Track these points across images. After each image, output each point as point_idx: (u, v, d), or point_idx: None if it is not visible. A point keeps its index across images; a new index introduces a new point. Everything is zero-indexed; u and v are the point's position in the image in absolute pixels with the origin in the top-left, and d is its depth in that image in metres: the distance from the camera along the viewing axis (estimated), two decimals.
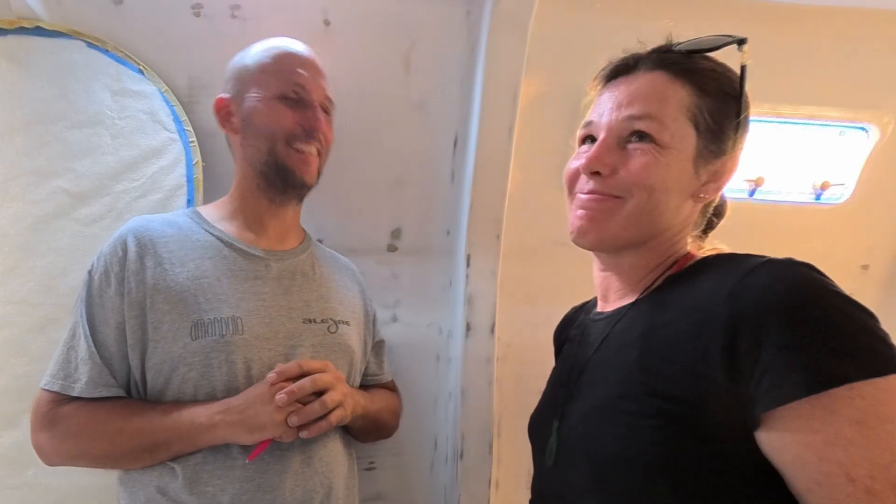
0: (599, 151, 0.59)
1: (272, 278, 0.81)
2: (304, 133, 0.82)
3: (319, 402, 0.73)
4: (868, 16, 1.09)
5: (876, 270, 1.28)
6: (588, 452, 0.57)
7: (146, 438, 0.71)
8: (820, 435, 0.43)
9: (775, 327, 0.45)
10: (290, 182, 0.83)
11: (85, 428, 0.71)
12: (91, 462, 0.75)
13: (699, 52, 0.59)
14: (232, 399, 0.71)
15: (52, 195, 0.92)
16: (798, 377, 0.44)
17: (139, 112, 0.96)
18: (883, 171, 1.21)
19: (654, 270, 0.62)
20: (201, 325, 0.73)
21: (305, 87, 0.82)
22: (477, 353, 1.10)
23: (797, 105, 1.16)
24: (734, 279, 0.50)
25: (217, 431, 0.70)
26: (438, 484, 1.15)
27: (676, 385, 0.50)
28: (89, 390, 0.72)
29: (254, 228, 0.85)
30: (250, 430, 0.70)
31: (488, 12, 0.97)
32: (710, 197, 0.60)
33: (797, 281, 0.47)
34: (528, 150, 1.08)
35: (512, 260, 1.13)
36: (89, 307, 0.74)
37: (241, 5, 0.99)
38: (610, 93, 0.61)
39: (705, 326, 0.50)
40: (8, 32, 0.93)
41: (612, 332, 0.62)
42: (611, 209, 0.59)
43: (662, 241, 0.61)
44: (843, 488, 0.42)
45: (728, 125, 0.58)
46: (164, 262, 0.76)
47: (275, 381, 0.71)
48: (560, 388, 0.67)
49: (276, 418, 0.69)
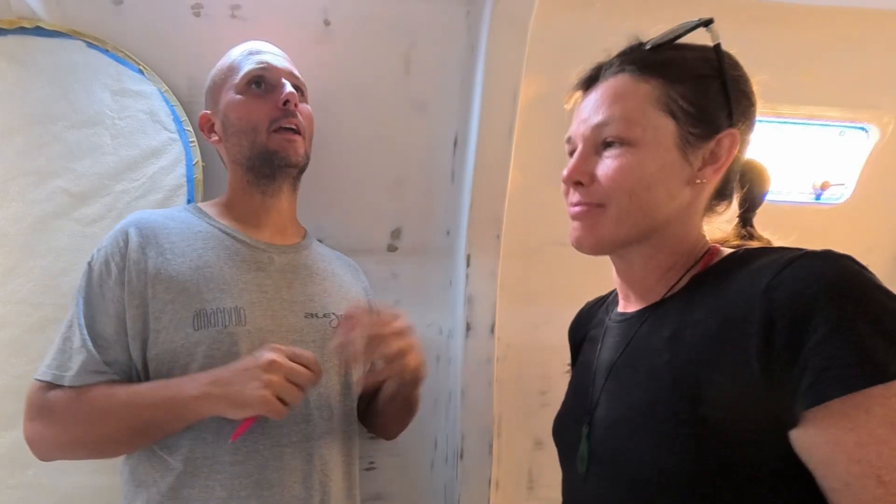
0: (577, 163, 0.60)
1: (275, 271, 0.81)
2: (281, 113, 0.82)
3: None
4: (868, 16, 1.09)
5: (876, 270, 1.26)
6: (622, 462, 0.55)
7: (134, 416, 0.69)
8: (852, 434, 0.42)
9: (813, 323, 0.43)
10: (277, 163, 0.83)
11: (73, 412, 0.69)
12: (81, 449, 0.73)
13: (664, 45, 0.59)
14: (220, 370, 0.69)
15: (52, 195, 0.92)
16: (836, 374, 0.42)
17: (139, 112, 0.96)
18: (883, 171, 1.21)
19: (674, 268, 0.60)
20: (204, 315, 0.72)
21: (269, 67, 0.84)
22: (477, 353, 1.10)
23: (797, 105, 1.16)
24: (770, 273, 0.48)
25: (205, 404, 0.68)
26: (438, 484, 1.15)
27: (710, 387, 0.49)
28: (80, 378, 0.70)
29: (253, 222, 0.85)
30: (234, 405, 0.67)
31: (488, 12, 0.96)
32: (709, 179, 0.58)
33: (835, 275, 0.45)
34: (528, 150, 1.08)
35: (512, 260, 1.13)
36: (88, 297, 0.73)
37: (241, 5, 0.99)
38: (582, 104, 0.63)
39: (740, 324, 0.48)
40: (8, 32, 0.93)
41: (637, 335, 0.60)
42: (597, 216, 0.60)
43: (669, 233, 0.59)
44: (873, 490, 0.41)
45: (712, 105, 0.57)
46: (167, 252, 0.75)
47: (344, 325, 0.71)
48: (585, 392, 0.65)
49: (260, 394, 0.66)
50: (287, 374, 0.67)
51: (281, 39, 0.95)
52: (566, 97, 0.68)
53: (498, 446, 1.14)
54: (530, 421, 1.17)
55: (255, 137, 0.82)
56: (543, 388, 1.16)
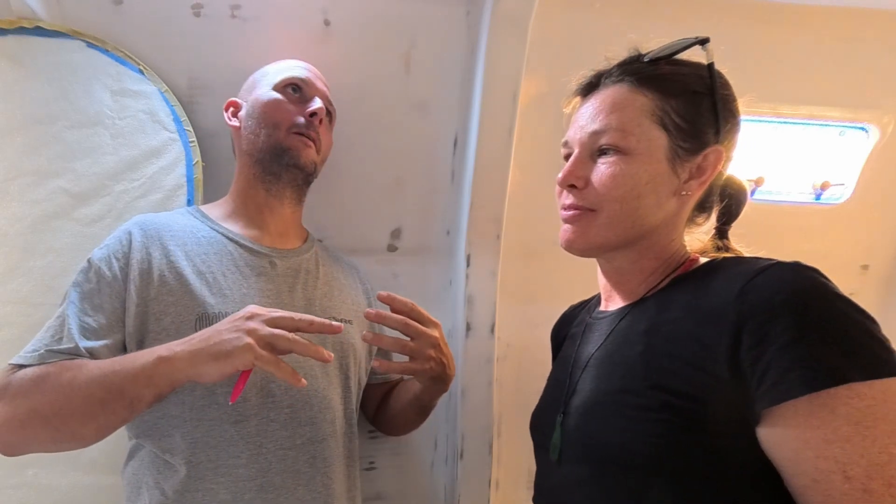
0: (573, 166, 0.63)
1: (277, 276, 0.82)
2: (306, 121, 0.85)
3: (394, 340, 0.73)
4: (868, 16, 1.09)
5: (876, 270, 1.28)
6: (589, 444, 0.58)
7: (100, 385, 0.62)
8: (818, 432, 0.44)
9: (779, 326, 0.46)
10: (286, 161, 0.84)
11: (36, 385, 0.64)
12: (42, 425, 0.64)
13: (662, 59, 0.62)
14: (197, 333, 0.65)
15: (52, 195, 0.92)
16: (799, 375, 0.45)
17: (139, 112, 0.96)
18: (883, 171, 1.21)
19: (655, 272, 0.63)
20: (206, 319, 0.72)
21: (308, 82, 0.87)
22: (477, 353, 1.10)
23: (797, 105, 1.16)
24: (743, 280, 0.51)
25: (177, 364, 0.62)
26: (438, 484, 1.15)
27: (680, 379, 0.52)
28: (48, 356, 0.66)
29: (256, 225, 0.85)
30: (215, 356, 0.61)
31: (488, 12, 0.96)
32: (693, 192, 0.61)
33: (803, 283, 0.49)
34: (528, 150, 1.08)
35: (512, 260, 1.13)
36: (82, 291, 0.72)
37: (241, 5, 0.99)
38: (581, 109, 0.65)
39: (713, 324, 0.51)
40: (8, 32, 0.93)
41: (616, 329, 0.63)
42: (588, 221, 0.62)
43: (654, 240, 0.63)
44: (840, 486, 0.43)
45: (702, 121, 0.59)
46: (170, 255, 0.76)
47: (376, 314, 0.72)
48: (562, 384, 0.68)
49: (244, 342, 0.60)
50: (269, 322, 0.63)
51: (281, 39, 0.95)
52: (565, 102, 0.70)
53: (498, 446, 1.14)
54: None
55: (272, 132, 0.84)
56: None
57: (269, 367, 0.61)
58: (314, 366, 0.79)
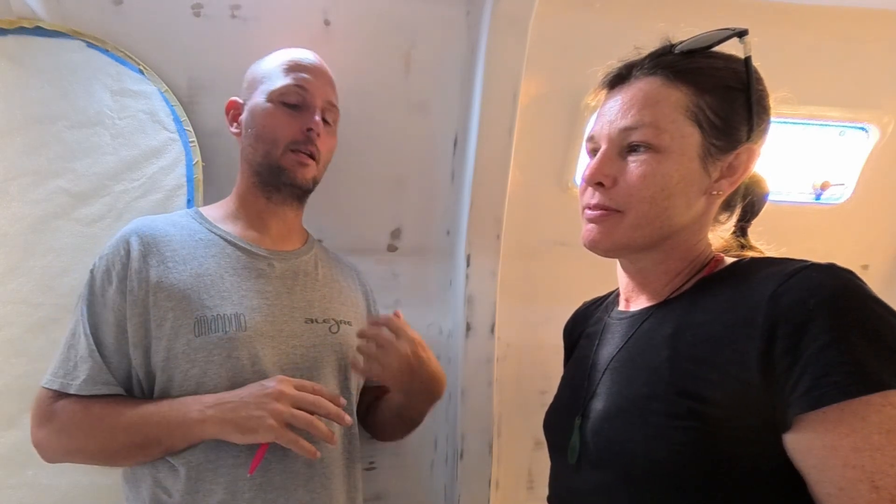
0: (601, 163, 0.60)
1: (275, 277, 0.82)
2: (303, 137, 0.82)
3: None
4: (868, 16, 1.09)
5: (876, 270, 1.28)
6: (611, 451, 0.56)
7: (137, 434, 0.70)
8: (848, 440, 0.43)
9: (815, 329, 0.45)
10: (283, 181, 0.83)
11: (80, 424, 0.71)
12: (87, 458, 0.75)
13: (697, 51, 0.59)
14: (226, 394, 0.70)
15: (52, 195, 0.92)
16: (835, 381, 0.43)
17: (139, 112, 0.96)
18: (883, 171, 1.21)
19: (681, 273, 0.61)
20: (204, 321, 0.73)
21: (308, 90, 0.83)
22: (477, 353, 1.10)
23: (797, 105, 1.16)
24: (776, 282, 0.49)
25: (207, 427, 0.69)
26: (438, 484, 1.15)
27: (707, 385, 0.50)
28: (87, 388, 0.72)
29: (256, 227, 0.85)
30: (241, 430, 0.68)
31: (488, 12, 0.96)
32: (724, 192, 0.59)
33: (839, 286, 0.47)
34: (528, 150, 1.08)
35: (512, 260, 1.13)
36: (91, 306, 0.74)
37: (241, 5, 0.99)
38: (609, 103, 0.62)
39: (743, 327, 0.49)
40: (8, 32, 0.93)
41: (638, 332, 0.61)
42: (615, 222, 0.59)
43: (681, 240, 0.60)
44: (867, 496, 0.42)
45: (736, 118, 0.57)
46: (168, 261, 0.76)
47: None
48: (580, 386, 0.65)
49: (268, 423, 0.67)
50: (294, 402, 0.69)
51: (281, 39, 0.95)
52: (591, 94, 0.66)
53: (498, 446, 1.14)
54: (530, 421, 1.17)
55: (270, 149, 0.82)
56: (543, 388, 1.16)
57: (289, 446, 0.69)
58: (314, 366, 0.79)
